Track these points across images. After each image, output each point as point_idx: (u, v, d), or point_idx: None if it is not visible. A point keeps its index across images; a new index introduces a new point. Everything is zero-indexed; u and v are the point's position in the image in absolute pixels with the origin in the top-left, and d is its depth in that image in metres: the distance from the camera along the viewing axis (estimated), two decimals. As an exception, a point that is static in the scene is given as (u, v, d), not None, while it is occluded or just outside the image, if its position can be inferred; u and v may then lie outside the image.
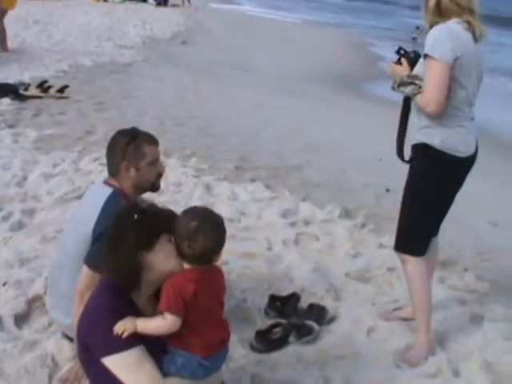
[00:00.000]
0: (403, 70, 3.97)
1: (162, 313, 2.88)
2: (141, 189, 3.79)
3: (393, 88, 3.96)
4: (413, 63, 3.97)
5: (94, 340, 2.89)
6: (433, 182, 3.94)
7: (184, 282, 2.90)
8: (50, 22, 21.13)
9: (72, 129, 8.66)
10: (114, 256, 2.93)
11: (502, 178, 9.24)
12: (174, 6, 33.77)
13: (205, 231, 2.89)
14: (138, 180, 3.71)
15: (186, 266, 2.96)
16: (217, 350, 3.04)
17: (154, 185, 3.83)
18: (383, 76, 15.79)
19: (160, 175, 3.85)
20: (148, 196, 3.84)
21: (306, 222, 6.18)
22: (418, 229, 4.07)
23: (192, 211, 3.04)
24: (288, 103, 13.08)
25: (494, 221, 7.19)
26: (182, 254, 2.93)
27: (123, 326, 2.79)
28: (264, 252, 5.39)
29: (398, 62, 4.04)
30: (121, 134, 3.81)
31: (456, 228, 5.88)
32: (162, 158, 3.93)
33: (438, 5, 3.79)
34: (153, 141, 3.80)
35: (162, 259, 2.95)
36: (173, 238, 2.95)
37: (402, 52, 4.06)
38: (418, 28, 32.34)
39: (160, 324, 2.87)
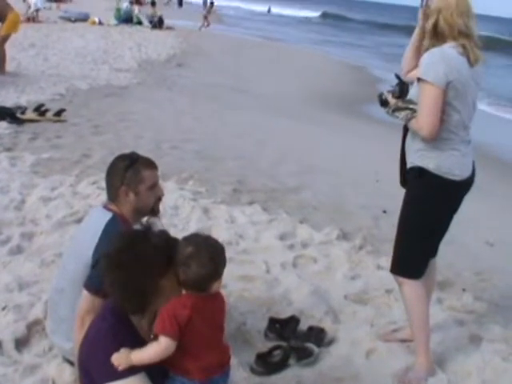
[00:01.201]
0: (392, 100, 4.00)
1: (157, 336, 2.88)
2: (140, 213, 3.80)
3: (387, 113, 4.01)
4: (399, 96, 4.00)
5: (95, 366, 2.89)
6: (428, 206, 3.96)
7: (179, 306, 2.89)
8: (46, 45, 21.19)
9: (69, 152, 8.66)
10: (127, 280, 2.91)
11: (497, 198, 9.29)
12: (169, 28, 33.91)
13: (199, 259, 2.89)
14: (138, 204, 3.73)
15: (184, 291, 2.97)
16: (215, 373, 3.02)
17: (153, 209, 3.85)
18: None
19: (159, 199, 3.87)
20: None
21: (304, 245, 6.19)
22: (414, 252, 4.08)
23: (191, 237, 3.04)
24: (284, 125, 13.15)
25: (491, 241, 7.22)
26: (178, 280, 2.94)
27: (117, 360, 2.79)
28: (262, 275, 5.40)
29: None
30: (119, 158, 3.83)
31: (453, 248, 5.91)
32: (159, 181, 3.95)
33: (435, 28, 3.83)
34: (152, 165, 3.83)
35: (173, 285, 2.95)
36: None
37: (397, 78, 4.11)
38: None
39: (155, 349, 2.85)
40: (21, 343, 4.09)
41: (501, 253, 6.93)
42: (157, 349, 2.85)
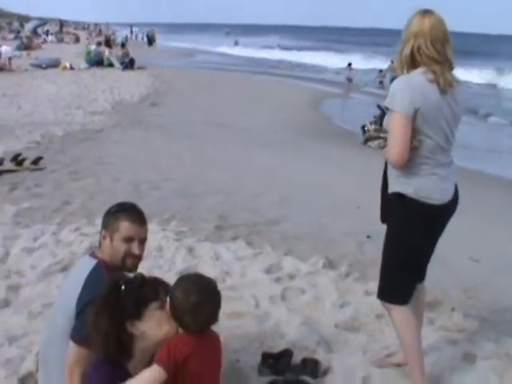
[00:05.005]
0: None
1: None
2: (114, 261, 3.68)
3: (361, 143, 4.04)
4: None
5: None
6: (410, 231, 3.97)
7: (181, 343, 2.95)
8: (18, 94, 21.20)
9: (49, 200, 8.63)
10: (101, 329, 2.95)
11: (478, 213, 9.32)
12: (140, 68, 33.93)
13: (208, 305, 3.00)
14: (111, 252, 3.67)
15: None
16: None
17: (124, 262, 3.68)
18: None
19: (130, 255, 3.68)
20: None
21: (291, 276, 6.19)
22: (400, 278, 4.07)
23: (187, 283, 3.08)
24: (261, 156, 13.18)
25: (476, 257, 7.26)
26: (185, 327, 2.97)
27: None
28: (252, 310, 5.39)
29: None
30: (115, 205, 3.84)
31: (439, 267, 5.91)
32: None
33: (412, 56, 3.87)
34: (133, 219, 3.71)
35: (154, 326, 2.98)
36: (167, 306, 2.99)
37: (378, 108, 4.16)
38: (381, 71, 33.38)
39: (145, 376, 2.91)
40: (14, 399, 4.05)
41: (486, 268, 6.97)
42: (147, 375, 2.91)
